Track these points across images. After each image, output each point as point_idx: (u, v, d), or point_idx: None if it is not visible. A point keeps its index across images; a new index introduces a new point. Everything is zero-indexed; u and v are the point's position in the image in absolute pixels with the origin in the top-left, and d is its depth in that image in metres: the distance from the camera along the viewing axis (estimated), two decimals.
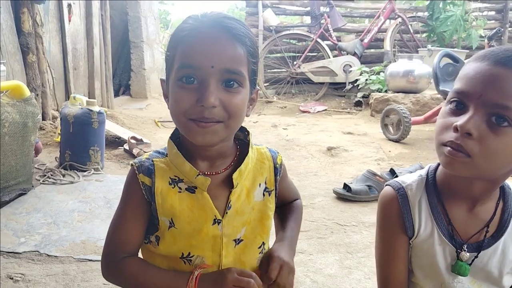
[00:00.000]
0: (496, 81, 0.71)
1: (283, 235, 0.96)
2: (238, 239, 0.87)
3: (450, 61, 3.67)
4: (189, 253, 0.85)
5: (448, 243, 0.82)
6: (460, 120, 0.73)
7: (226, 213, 0.85)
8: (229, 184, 0.86)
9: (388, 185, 0.88)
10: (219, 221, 0.84)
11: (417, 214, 0.83)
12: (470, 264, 0.81)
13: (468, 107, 0.74)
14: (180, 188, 0.84)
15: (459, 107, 0.76)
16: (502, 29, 6.85)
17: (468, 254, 0.81)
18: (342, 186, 2.68)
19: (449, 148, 0.74)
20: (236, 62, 0.78)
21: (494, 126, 0.72)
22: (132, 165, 0.86)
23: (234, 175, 0.85)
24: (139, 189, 0.84)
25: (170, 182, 0.84)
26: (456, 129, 0.73)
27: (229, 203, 0.85)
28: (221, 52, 0.77)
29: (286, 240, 0.94)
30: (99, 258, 0.89)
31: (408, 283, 0.88)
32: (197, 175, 0.83)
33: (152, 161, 0.86)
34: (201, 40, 0.77)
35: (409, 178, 0.88)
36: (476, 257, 0.81)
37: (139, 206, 0.85)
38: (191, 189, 0.84)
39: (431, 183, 0.85)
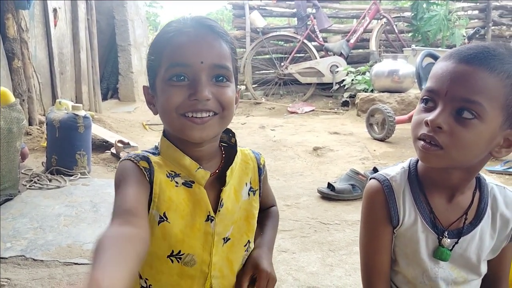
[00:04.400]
0: (460, 78, 0.76)
1: (262, 241, 0.98)
2: (226, 238, 0.89)
3: (433, 60, 3.74)
4: (180, 251, 0.84)
5: (431, 230, 0.86)
6: (430, 116, 0.78)
7: (219, 210, 0.86)
8: (218, 185, 0.88)
9: (373, 178, 0.91)
10: (212, 218, 0.85)
11: (401, 204, 0.87)
12: (450, 250, 0.86)
13: (437, 103, 0.79)
14: (176, 183, 0.84)
15: (430, 104, 0.81)
16: (483, 28, 6.98)
17: (449, 240, 0.86)
18: (326, 185, 2.73)
19: (422, 142, 0.79)
20: (223, 57, 0.81)
21: (461, 119, 0.76)
22: (127, 159, 0.83)
23: (228, 172, 0.87)
24: (141, 172, 0.81)
25: (168, 175, 0.84)
26: (427, 124, 0.78)
27: (221, 201, 0.87)
28: (209, 48, 0.80)
29: (265, 246, 0.97)
30: (85, 261, 0.88)
31: (391, 272, 0.92)
32: (198, 168, 0.84)
33: (147, 155, 0.85)
34: (188, 38, 0.80)
35: (393, 170, 0.92)
36: (456, 243, 0.86)
37: (142, 182, 0.80)
38: (188, 184, 0.85)
39: (413, 175, 0.89)
